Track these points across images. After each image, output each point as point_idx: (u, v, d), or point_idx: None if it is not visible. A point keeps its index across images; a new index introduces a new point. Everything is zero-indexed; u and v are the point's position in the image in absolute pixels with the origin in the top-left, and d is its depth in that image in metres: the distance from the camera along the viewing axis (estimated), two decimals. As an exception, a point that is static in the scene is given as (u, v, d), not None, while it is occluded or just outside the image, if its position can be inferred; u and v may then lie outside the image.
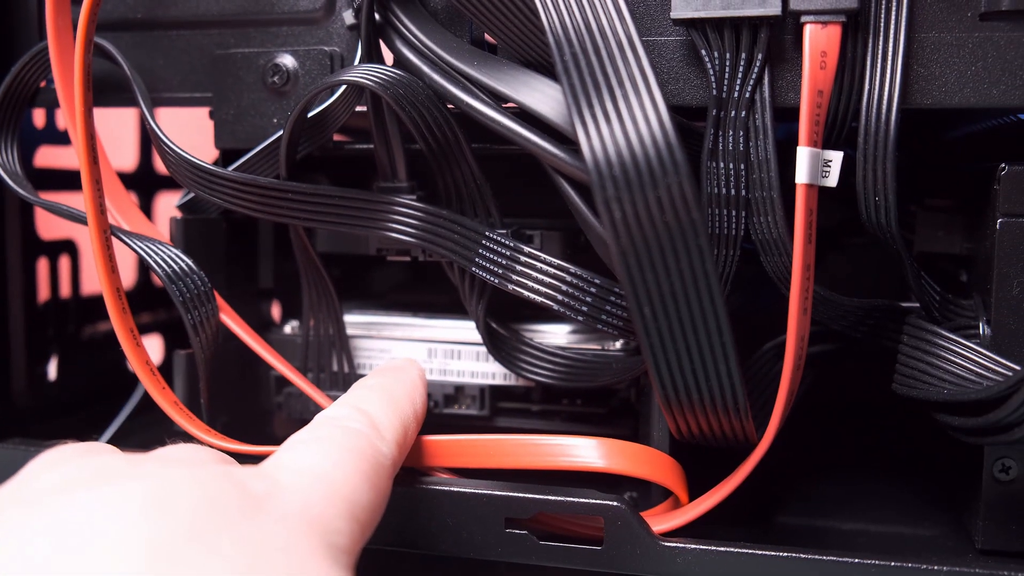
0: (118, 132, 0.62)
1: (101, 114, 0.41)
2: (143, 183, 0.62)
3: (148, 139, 0.62)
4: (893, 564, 0.33)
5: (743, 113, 0.34)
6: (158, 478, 0.23)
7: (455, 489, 0.36)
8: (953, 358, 0.34)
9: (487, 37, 0.39)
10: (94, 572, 0.20)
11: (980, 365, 0.33)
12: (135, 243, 0.39)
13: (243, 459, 0.31)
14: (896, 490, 0.44)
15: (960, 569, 0.33)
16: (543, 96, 0.34)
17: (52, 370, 0.53)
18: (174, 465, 0.25)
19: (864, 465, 0.49)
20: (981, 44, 0.34)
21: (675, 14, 0.34)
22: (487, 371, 0.43)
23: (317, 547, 0.24)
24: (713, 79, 0.34)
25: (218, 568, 0.21)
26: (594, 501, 0.35)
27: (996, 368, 0.33)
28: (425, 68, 0.36)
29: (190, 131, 0.46)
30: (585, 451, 0.36)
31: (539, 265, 0.37)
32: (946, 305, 0.37)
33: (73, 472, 0.24)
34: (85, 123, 0.35)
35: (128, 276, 0.61)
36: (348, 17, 0.40)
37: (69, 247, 0.55)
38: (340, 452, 0.28)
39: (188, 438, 0.36)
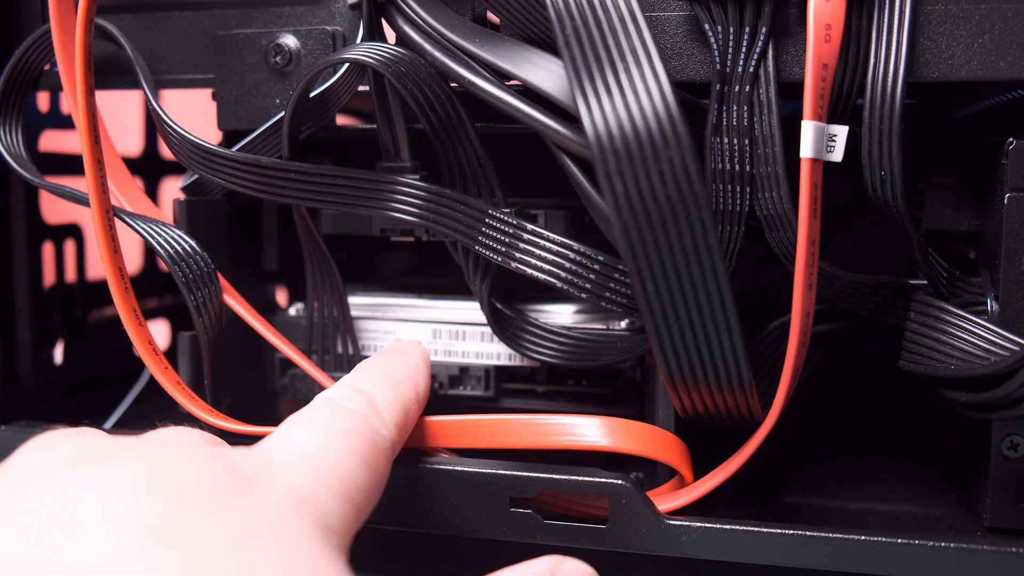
0: (124, 118, 0.62)
1: (107, 101, 0.41)
2: (149, 168, 0.62)
3: (153, 125, 0.62)
4: (900, 542, 0.33)
5: (747, 87, 0.33)
6: (148, 460, 0.23)
7: (459, 468, 0.36)
8: (961, 334, 0.34)
9: (489, 15, 0.38)
10: (84, 553, 0.20)
11: (988, 340, 0.33)
12: (138, 224, 0.39)
13: (243, 440, 0.31)
14: (903, 469, 0.44)
15: (969, 546, 0.33)
16: (545, 72, 0.34)
17: (58, 354, 0.53)
18: (164, 447, 0.25)
19: (871, 444, 0.48)
20: (988, 16, 0.33)
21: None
22: (492, 352, 0.43)
23: (309, 527, 0.23)
24: (717, 54, 0.34)
25: (208, 548, 0.20)
26: (598, 480, 0.35)
27: (1004, 343, 0.33)
28: (427, 46, 0.36)
29: (195, 117, 0.45)
30: (589, 430, 0.35)
31: (542, 243, 0.36)
32: (954, 282, 0.36)
33: (63, 455, 0.24)
34: (86, 103, 0.35)
35: (134, 262, 0.61)
36: (350, -4, 0.39)
37: (74, 231, 0.54)
38: (336, 433, 0.28)
39: (186, 420, 0.36)
